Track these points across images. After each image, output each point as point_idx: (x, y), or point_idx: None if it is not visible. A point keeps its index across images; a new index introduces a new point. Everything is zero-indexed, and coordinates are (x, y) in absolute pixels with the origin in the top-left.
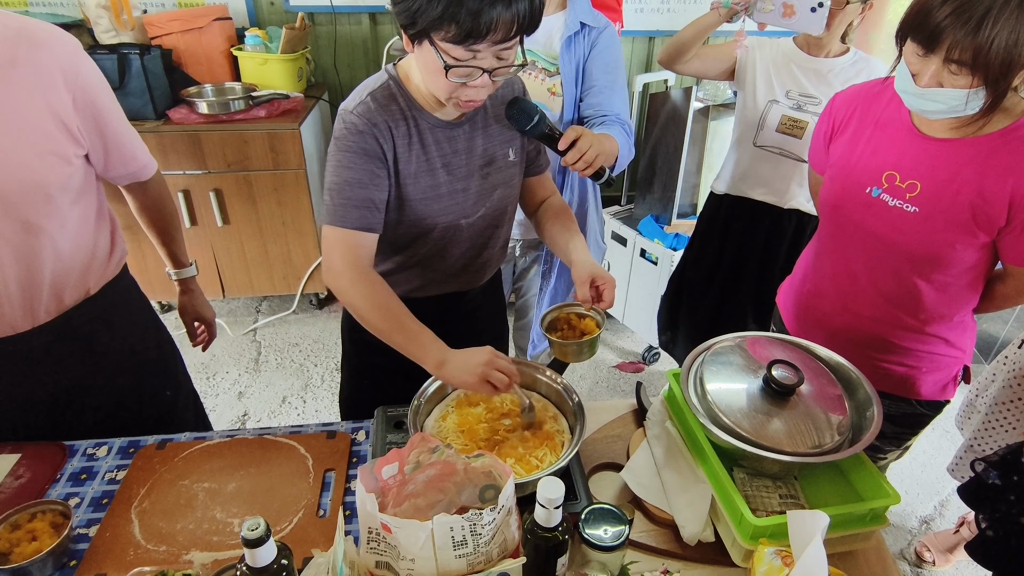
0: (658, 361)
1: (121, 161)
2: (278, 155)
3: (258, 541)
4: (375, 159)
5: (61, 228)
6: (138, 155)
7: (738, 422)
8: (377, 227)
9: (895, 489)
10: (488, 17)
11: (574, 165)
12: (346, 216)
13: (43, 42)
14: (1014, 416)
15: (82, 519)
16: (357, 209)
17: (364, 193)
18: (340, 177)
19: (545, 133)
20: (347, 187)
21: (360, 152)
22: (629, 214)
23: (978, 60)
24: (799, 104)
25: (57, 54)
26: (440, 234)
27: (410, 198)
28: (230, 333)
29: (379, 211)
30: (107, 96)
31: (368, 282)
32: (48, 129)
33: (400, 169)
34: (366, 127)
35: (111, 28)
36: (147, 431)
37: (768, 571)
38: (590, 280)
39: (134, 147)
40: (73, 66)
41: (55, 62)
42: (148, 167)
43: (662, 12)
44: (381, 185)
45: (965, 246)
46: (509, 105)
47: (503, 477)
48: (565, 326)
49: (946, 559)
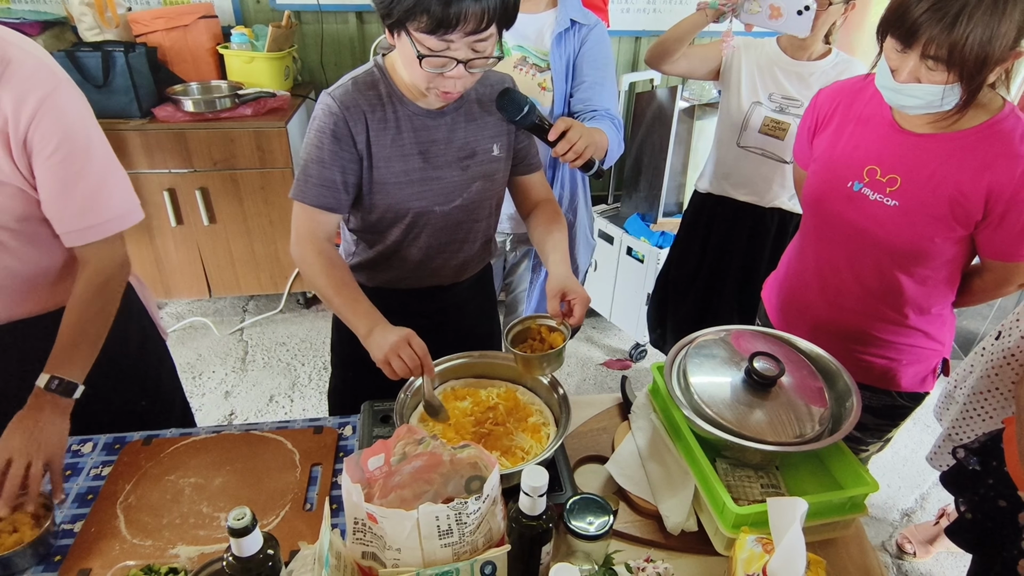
0: (645, 358)
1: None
2: (265, 154)
3: (244, 530)
4: (343, 141)
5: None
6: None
7: (720, 413)
8: (337, 207)
9: (874, 477)
10: (458, 8)
11: (564, 156)
12: (307, 192)
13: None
14: (991, 406)
15: (67, 515)
16: (317, 187)
17: (326, 173)
18: (308, 154)
19: (535, 124)
20: (312, 164)
21: (329, 133)
22: (616, 212)
23: (953, 56)
24: (781, 107)
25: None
26: (413, 219)
27: (383, 180)
28: (216, 333)
29: (341, 191)
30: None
31: (320, 251)
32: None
33: (373, 152)
34: (338, 109)
35: (95, 26)
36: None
37: (749, 558)
38: (561, 294)
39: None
40: (29, 113)
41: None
42: (81, 234)
43: (648, 12)
44: (347, 169)
45: (943, 240)
46: (500, 96)
47: (489, 467)
48: (537, 337)
49: (927, 550)
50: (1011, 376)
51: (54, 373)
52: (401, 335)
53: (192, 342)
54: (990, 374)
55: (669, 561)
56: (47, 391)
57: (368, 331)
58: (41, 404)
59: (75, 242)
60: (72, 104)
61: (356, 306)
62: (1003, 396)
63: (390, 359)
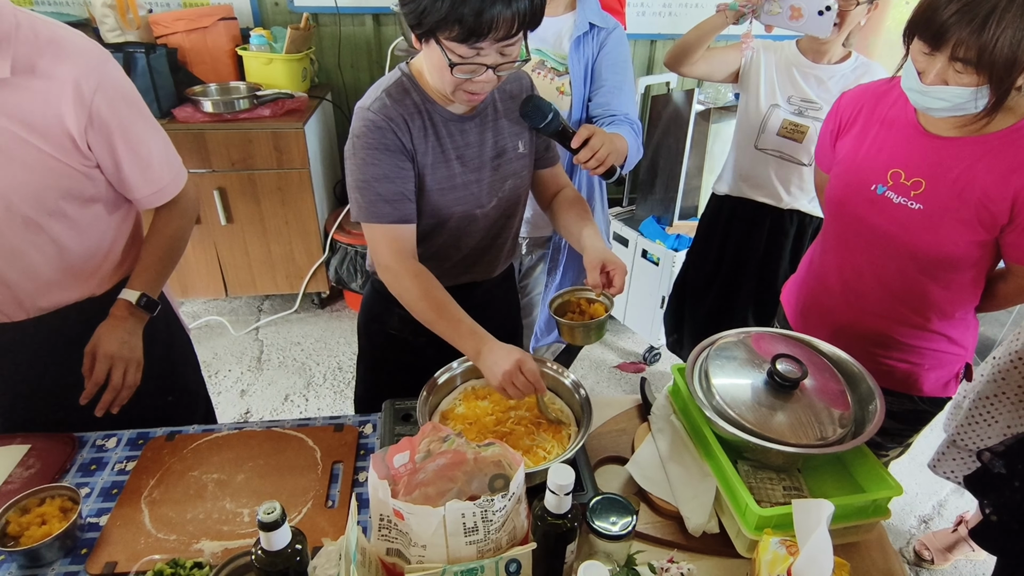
0: (659, 361)
1: (137, 183)
2: (282, 154)
3: (274, 524)
4: (397, 152)
5: (67, 229)
6: (155, 177)
7: (743, 415)
8: (411, 218)
9: (897, 481)
10: (490, 15)
11: (586, 163)
12: (380, 212)
13: (67, 56)
14: (997, 411)
15: (92, 509)
16: (388, 203)
17: (392, 187)
18: (366, 174)
19: (559, 131)
20: (375, 183)
21: (382, 148)
22: (631, 215)
23: (982, 58)
24: (800, 109)
25: (78, 70)
26: (456, 223)
27: (428, 188)
28: (232, 332)
29: (410, 201)
30: (129, 116)
31: (414, 273)
32: (55, 139)
33: (418, 160)
34: (384, 122)
35: (116, 27)
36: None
37: (773, 560)
38: (601, 265)
39: (151, 169)
40: (95, 82)
41: (72, 78)
42: (163, 192)
43: (664, 15)
44: (407, 177)
45: (968, 243)
46: (524, 103)
47: (513, 466)
48: (576, 310)
49: (945, 558)
50: (1017, 380)
51: (143, 291)
52: (512, 361)
53: (208, 341)
54: (997, 379)
55: (691, 563)
56: (136, 306)
57: (476, 352)
58: (127, 315)
59: (157, 202)
60: (121, 72)
61: (460, 327)
62: (1010, 401)
63: (506, 387)
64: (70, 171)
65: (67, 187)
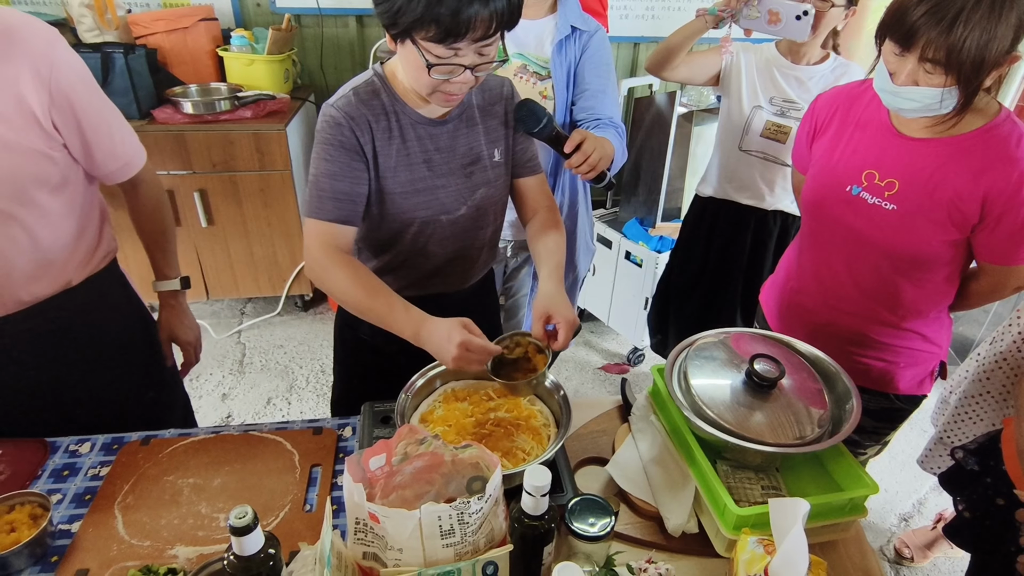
0: (643, 362)
1: (104, 157)
2: (264, 156)
3: (245, 529)
4: (351, 151)
5: (40, 218)
6: (119, 151)
7: (721, 415)
8: (353, 220)
9: (873, 479)
10: (467, 15)
11: (577, 168)
12: (322, 208)
13: (19, 38)
14: (982, 409)
15: (64, 515)
16: (333, 201)
17: (340, 185)
18: (318, 169)
19: (552, 136)
20: (324, 179)
21: (337, 145)
22: (614, 217)
23: (951, 59)
24: (782, 110)
25: (33, 50)
26: (420, 229)
27: (389, 191)
28: (214, 335)
29: (355, 203)
30: (87, 92)
31: (344, 263)
32: (19, 124)
33: (380, 163)
34: (344, 120)
35: (95, 27)
36: (130, 430)
37: (750, 559)
38: (546, 317)
39: (114, 142)
40: (49, 62)
41: (29, 59)
42: (131, 164)
43: (646, 18)
44: (359, 178)
45: (941, 243)
46: (518, 107)
47: (491, 467)
48: (530, 350)
49: (924, 555)
50: (1002, 380)
51: (177, 275)
52: (456, 346)
53: None
54: (982, 378)
55: (670, 563)
56: (181, 291)
57: (415, 335)
58: (178, 300)
59: (123, 176)
60: (71, 50)
61: (394, 309)
62: (994, 399)
63: (461, 366)
64: (37, 155)
65: (34, 173)
